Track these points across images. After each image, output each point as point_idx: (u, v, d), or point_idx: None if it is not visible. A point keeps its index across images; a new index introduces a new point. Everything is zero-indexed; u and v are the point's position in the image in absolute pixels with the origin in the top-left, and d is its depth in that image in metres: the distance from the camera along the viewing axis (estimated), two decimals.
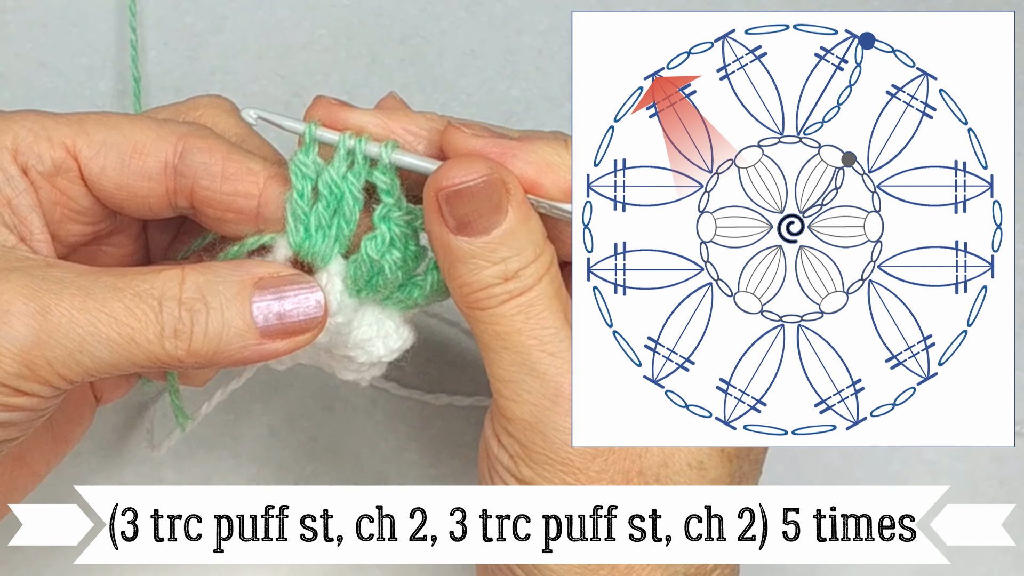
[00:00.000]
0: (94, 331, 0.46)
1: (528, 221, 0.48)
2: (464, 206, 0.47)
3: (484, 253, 0.48)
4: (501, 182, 0.47)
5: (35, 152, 0.49)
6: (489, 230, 0.48)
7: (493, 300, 0.48)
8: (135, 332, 0.46)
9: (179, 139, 0.49)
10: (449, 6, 0.66)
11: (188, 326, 0.47)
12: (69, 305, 0.46)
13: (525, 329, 0.48)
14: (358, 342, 0.51)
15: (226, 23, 0.65)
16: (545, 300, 0.48)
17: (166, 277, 0.47)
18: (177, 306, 0.47)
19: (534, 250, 0.48)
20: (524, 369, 0.48)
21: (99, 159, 0.49)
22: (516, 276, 0.48)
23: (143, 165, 0.49)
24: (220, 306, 0.48)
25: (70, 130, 0.49)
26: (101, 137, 0.49)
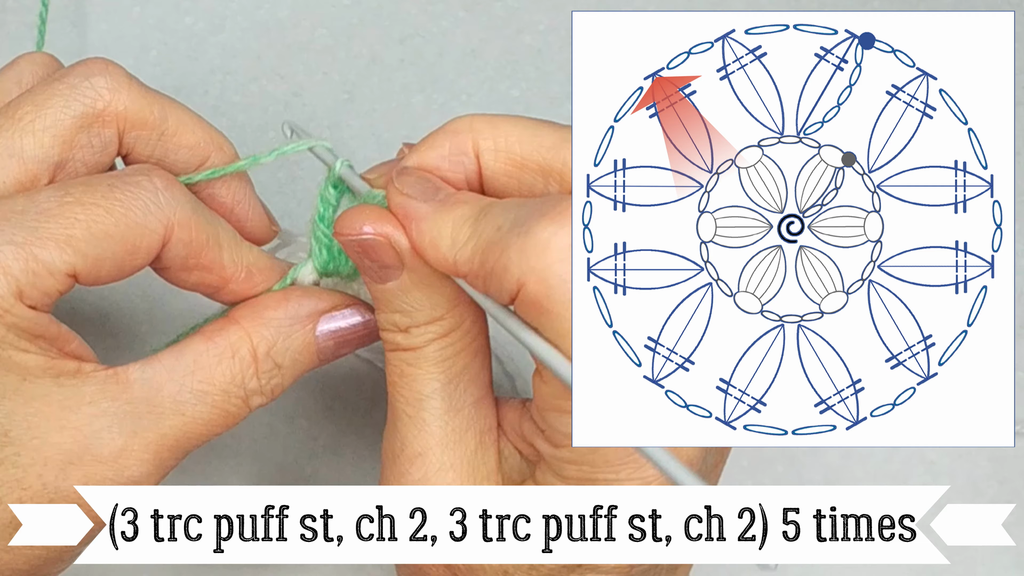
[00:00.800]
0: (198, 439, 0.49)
1: (425, 285, 0.48)
2: (360, 254, 0.49)
3: (380, 299, 0.49)
4: (387, 243, 0.48)
5: (41, 291, 0.47)
6: (383, 281, 0.49)
7: (387, 344, 0.50)
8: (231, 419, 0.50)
9: (167, 231, 0.49)
10: (449, 6, 0.66)
11: (269, 389, 0.50)
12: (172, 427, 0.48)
13: (398, 383, 0.50)
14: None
15: (226, 23, 0.65)
16: (425, 365, 0.49)
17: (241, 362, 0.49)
18: (257, 379, 0.49)
19: (428, 314, 0.49)
20: (391, 416, 0.50)
21: (95, 272, 0.48)
22: (407, 331, 0.49)
23: (135, 263, 0.49)
24: (292, 364, 0.50)
25: (65, 256, 0.47)
26: (96, 253, 0.48)
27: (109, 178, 0.49)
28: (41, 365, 0.47)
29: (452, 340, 0.49)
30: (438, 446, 0.49)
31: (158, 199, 0.49)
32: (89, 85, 0.50)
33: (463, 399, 0.50)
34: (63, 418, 0.47)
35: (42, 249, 0.47)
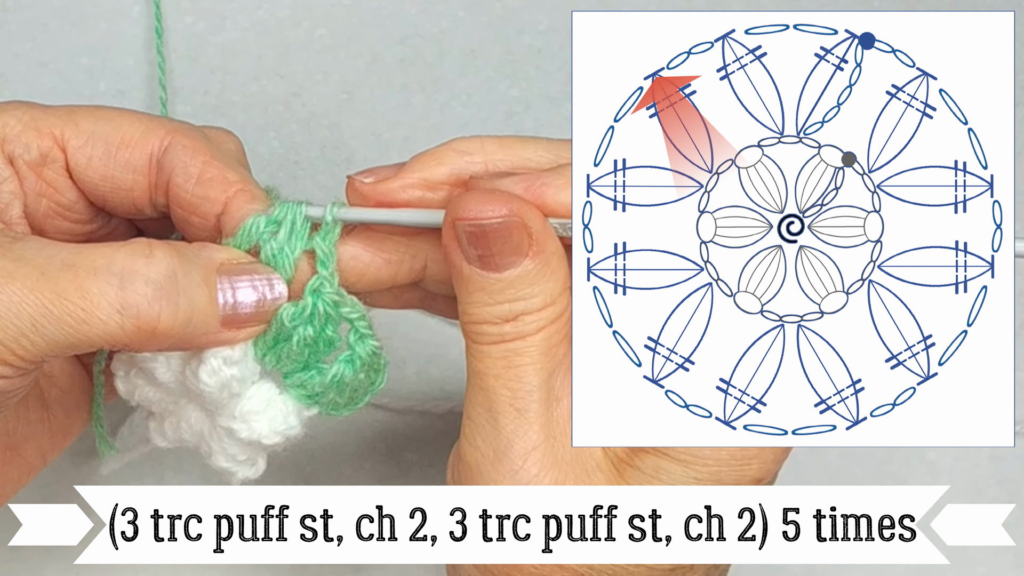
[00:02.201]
0: (45, 311, 0.44)
1: (547, 269, 0.47)
2: (479, 241, 0.47)
3: (492, 290, 0.47)
4: (521, 225, 0.46)
5: (22, 141, 0.49)
6: (502, 269, 0.47)
7: (485, 337, 0.48)
8: (86, 313, 0.45)
9: (167, 134, 0.49)
10: (449, 6, 0.66)
11: (155, 306, 0.45)
12: (21, 285, 0.44)
13: (503, 376, 0.47)
14: (243, 413, 0.50)
15: (226, 23, 0.65)
16: (535, 353, 0.47)
17: (130, 252, 0.46)
18: (144, 283, 0.45)
19: (544, 299, 0.47)
20: (488, 415, 0.48)
21: (86, 149, 0.49)
22: (516, 320, 0.47)
23: (129, 157, 0.49)
24: (191, 288, 0.46)
25: (59, 120, 0.49)
26: (89, 127, 0.49)
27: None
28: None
29: (559, 327, 0.48)
30: (547, 440, 0.47)
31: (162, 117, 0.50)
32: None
33: (563, 389, 0.48)
34: None
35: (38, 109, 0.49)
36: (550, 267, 0.47)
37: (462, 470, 0.49)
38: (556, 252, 0.47)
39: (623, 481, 0.48)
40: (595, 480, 0.48)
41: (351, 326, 0.50)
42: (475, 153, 0.49)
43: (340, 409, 0.51)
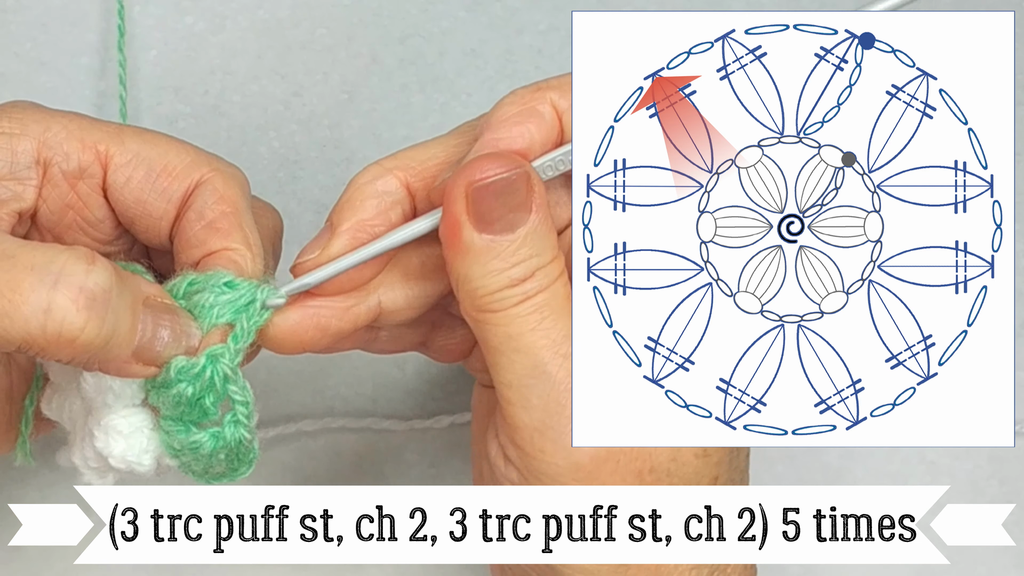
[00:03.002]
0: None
1: (548, 221, 0.48)
2: (493, 202, 0.47)
3: (507, 253, 0.47)
4: (527, 177, 0.47)
5: (64, 150, 0.48)
6: (515, 227, 0.47)
7: (508, 301, 0.48)
8: (12, 307, 0.43)
9: (210, 171, 0.49)
10: (449, 6, 0.66)
11: (83, 317, 0.44)
12: None
13: (539, 329, 0.48)
14: (108, 426, 0.49)
15: (226, 23, 0.65)
16: (558, 301, 0.48)
17: (72, 256, 0.44)
18: (78, 292, 0.44)
19: (552, 251, 0.48)
20: (535, 372, 0.47)
21: (127, 170, 0.49)
22: (533, 276, 0.47)
23: (168, 186, 0.49)
24: (120, 309, 0.45)
25: (106, 136, 0.49)
26: (135, 148, 0.49)
27: None
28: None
29: (566, 275, 0.48)
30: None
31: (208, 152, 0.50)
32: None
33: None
34: None
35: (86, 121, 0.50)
36: (547, 220, 0.48)
37: (523, 438, 0.48)
38: (547, 204, 0.48)
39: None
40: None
41: (232, 407, 0.48)
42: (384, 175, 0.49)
43: (196, 476, 0.50)
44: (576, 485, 0.47)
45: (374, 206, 0.49)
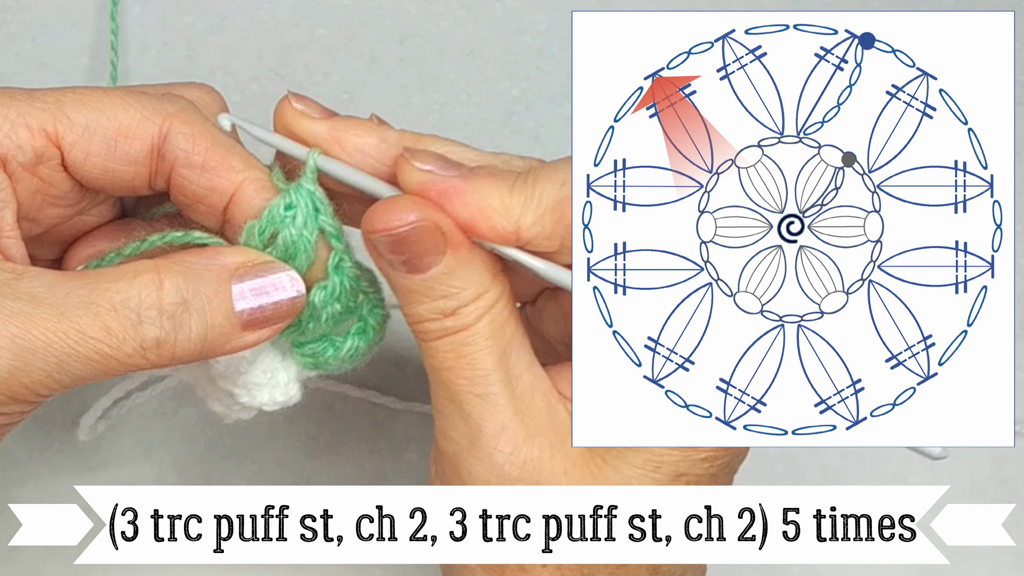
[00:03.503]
0: (71, 351, 0.45)
1: (469, 261, 0.48)
2: (396, 248, 0.47)
3: (421, 289, 0.48)
4: (434, 227, 0.47)
5: (14, 143, 0.47)
6: (424, 269, 0.47)
7: (430, 334, 0.48)
8: (113, 349, 0.45)
9: (165, 120, 0.48)
10: (449, 6, 0.66)
11: (171, 335, 0.46)
12: (43, 328, 0.44)
13: (456, 368, 0.48)
14: (247, 383, 0.51)
15: (226, 23, 0.65)
16: (480, 340, 0.48)
17: (141, 284, 0.46)
18: (158, 315, 0.46)
19: (475, 289, 0.48)
20: (452, 405, 0.48)
21: (83, 145, 0.47)
22: (454, 313, 0.48)
23: (129, 149, 0.48)
24: (203, 307, 0.47)
25: (49, 115, 0.47)
26: (83, 120, 0.47)
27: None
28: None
29: (499, 309, 0.48)
30: (515, 416, 0.48)
31: (160, 98, 0.49)
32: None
33: (519, 365, 0.49)
34: None
35: (23, 102, 0.47)
36: (471, 260, 0.48)
37: (442, 463, 0.49)
38: (471, 244, 0.48)
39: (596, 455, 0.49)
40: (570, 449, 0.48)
41: (364, 297, 0.51)
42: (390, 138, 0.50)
43: (340, 369, 0.52)
44: None
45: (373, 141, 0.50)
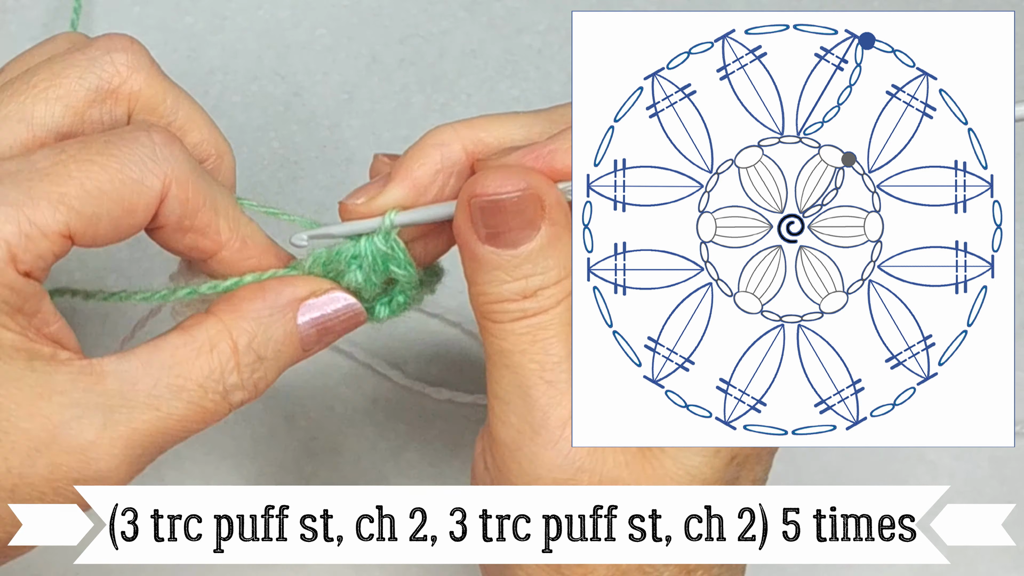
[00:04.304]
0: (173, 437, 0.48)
1: (559, 241, 0.47)
2: (495, 217, 0.47)
3: (508, 267, 0.47)
4: (537, 198, 0.47)
5: (35, 254, 0.45)
6: (518, 244, 0.47)
7: (506, 315, 0.48)
8: (209, 416, 0.48)
9: (164, 186, 0.47)
10: (449, 6, 0.66)
11: (253, 391, 0.49)
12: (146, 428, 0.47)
13: (530, 351, 0.48)
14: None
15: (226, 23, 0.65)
16: (557, 326, 0.48)
17: (220, 354, 0.48)
18: (239, 380, 0.48)
19: (559, 272, 0.47)
20: (518, 391, 0.48)
21: (92, 231, 0.47)
22: (535, 295, 0.47)
23: (133, 223, 0.48)
24: (276, 354, 0.49)
25: (59, 215, 0.45)
26: (91, 211, 0.46)
27: (106, 135, 0.48)
28: (15, 344, 0.45)
29: (570, 299, 0.48)
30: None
31: (155, 155, 0.47)
32: (109, 60, 0.49)
33: None
34: (33, 405, 0.45)
35: (35, 210, 0.45)
36: (561, 240, 0.47)
37: (498, 451, 0.49)
38: (566, 225, 0.47)
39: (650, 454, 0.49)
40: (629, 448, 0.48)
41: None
42: (451, 143, 0.49)
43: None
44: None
45: (431, 172, 0.49)
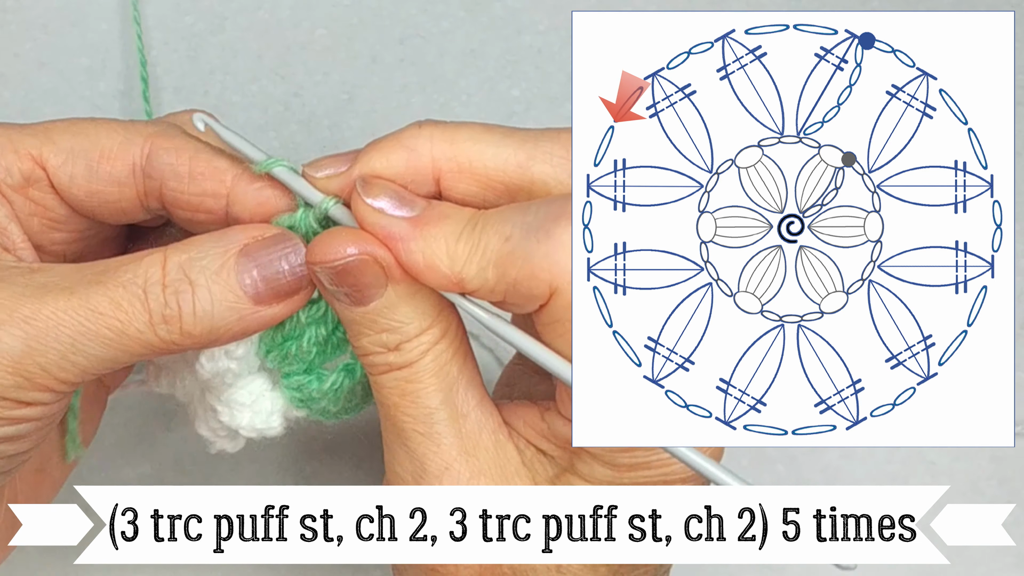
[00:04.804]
0: (83, 329, 0.45)
1: (412, 296, 0.47)
2: (339, 279, 0.47)
3: (364, 321, 0.48)
4: (373, 261, 0.46)
5: (2, 165, 0.49)
6: (366, 302, 0.47)
7: (374, 368, 0.48)
8: (124, 324, 0.46)
9: (145, 140, 0.49)
10: (449, 6, 0.66)
11: (176, 309, 0.46)
12: (54, 308, 0.45)
13: (401, 404, 0.48)
14: (229, 400, 0.50)
15: (226, 23, 0.65)
16: (425, 378, 0.48)
17: (148, 263, 0.47)
18: (162, 290, 0.46)
19: (418, 324, 0.48)
20: (397, 441, 0.49)
21: (67, 167, 0.49)
22: (397, 348, 0.48)
23: (111, 170, 0.49)
24: (206, 282, 0.47)
25: (36, 140, 0.49)
26: (67, 144, 0.49)
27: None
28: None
29: (445, 345, 0.48)
30: (460, 456, 0.48)
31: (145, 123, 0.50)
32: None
33: (467, 403, 0.49)
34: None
35: (17, 131, 0.49)
36: (411, 294, 0.47)
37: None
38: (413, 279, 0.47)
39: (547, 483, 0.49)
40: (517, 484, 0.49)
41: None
42: (422, 150, 0.48)
43: (330, 416, 0.52)
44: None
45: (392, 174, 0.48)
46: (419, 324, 0.48)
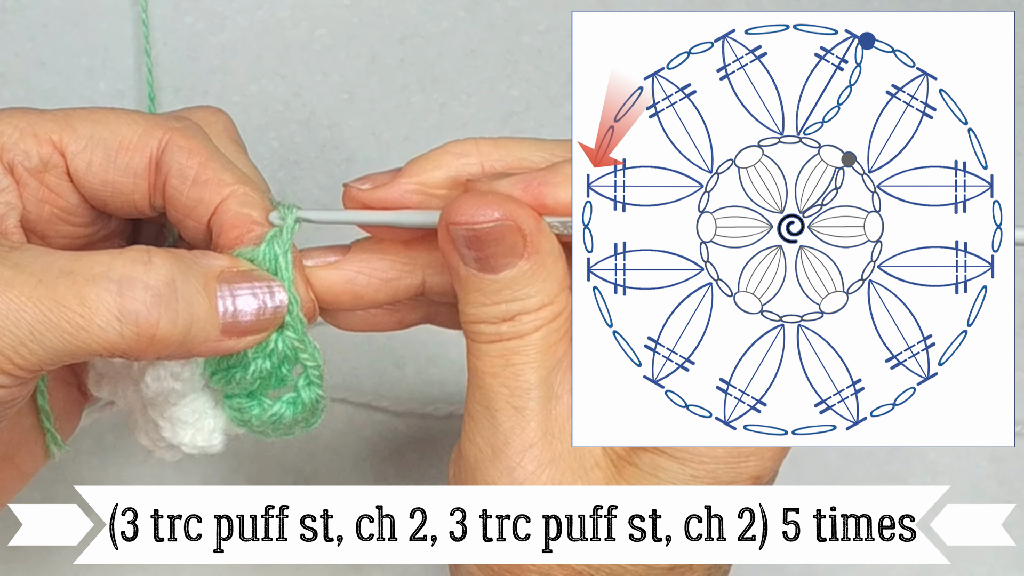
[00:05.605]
0: (43, 319, 0.44)
1: (543, 269, 0.47)
2: (474, 244, 0.46)
3: (488, 290, 0.47)
4: (516, 229, 0.46)
5: (21, 148, 0.48)
6: (498, 271, 0.47)
7: (481, 336, 0.48)
8: (86, 320, 0.44)
9: (164, 134, 0.49)
10: (449, 6, 0.66)
11: (155, 314, 0.45)
12: (19, 292, 0.44)
13: (501, 375, 0.48)
14: (172, 417, 0.50)
15: (226, 23, 0.65)
16: (534, 352, 0.47)
17: (128, 259, 0.45)
18: (143, 290, 0.45)
19: (542, 299, 0.47)
20: (485, 412, 0.48)
21: (85, 154, 0.49)
22: (513, 320, 0.47)
23: (129, 161, 0.49)
24: (191, 297, 0.46)
25: (56, 125, 0.49)
26: (88, 132, 0.49)
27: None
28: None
29: (557, 326, 0.47)
30: (544, 436, 0.47)
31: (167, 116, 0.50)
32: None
33: (562, 387, 0.48)
34: None
35: (37, 116, 0.49)
36: (545, 268, 0.47)
37: (462, 467, 0.49)
38: (552, 252, 0.47)
39: (621, 479, 0.48)
40: (593, 478, 0.48)
41: (304, 371, 0.50)
42: (471, 155, 0.49)
43: (268, 437, 0.51)
44: None
45: (444, 176, 0.49)
46: (542, 298, 0.47)
